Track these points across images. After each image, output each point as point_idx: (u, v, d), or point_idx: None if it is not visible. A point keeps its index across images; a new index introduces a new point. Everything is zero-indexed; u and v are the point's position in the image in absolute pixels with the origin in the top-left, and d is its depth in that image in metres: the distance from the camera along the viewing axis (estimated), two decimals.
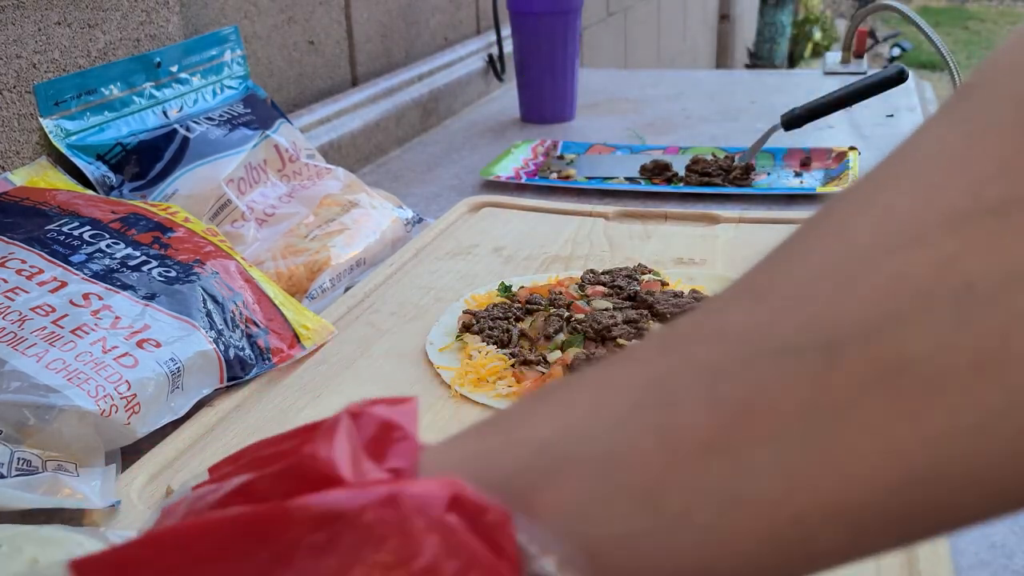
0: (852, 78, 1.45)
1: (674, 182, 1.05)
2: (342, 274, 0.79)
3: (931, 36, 1.65)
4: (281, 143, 0.90)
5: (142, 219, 0.66)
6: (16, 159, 0.73)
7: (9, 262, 0.58)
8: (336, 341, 0.67)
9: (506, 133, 1.35)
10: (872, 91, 1.07)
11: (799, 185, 1.03)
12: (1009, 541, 0.46)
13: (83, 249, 0.60)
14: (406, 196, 1.06)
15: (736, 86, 1.60)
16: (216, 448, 0.54)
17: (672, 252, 0.81)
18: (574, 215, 0.92)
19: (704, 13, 4.15)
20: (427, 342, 0.66)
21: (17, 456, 0.47)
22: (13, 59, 0.72)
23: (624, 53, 2.65)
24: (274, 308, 0.65)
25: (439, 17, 1.50)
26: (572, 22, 1.33)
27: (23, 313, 0.54)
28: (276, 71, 1.09)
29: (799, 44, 5.77)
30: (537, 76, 1.37)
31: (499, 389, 0.59)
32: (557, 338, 0.63)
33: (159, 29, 0.86)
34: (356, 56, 1.26)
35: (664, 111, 1.44)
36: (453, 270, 0.80)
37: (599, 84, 1.65)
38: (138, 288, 0.59)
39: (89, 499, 0.47)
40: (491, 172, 1.09)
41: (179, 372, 0.56)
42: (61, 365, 0.51)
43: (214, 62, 0.91)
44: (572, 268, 0.79)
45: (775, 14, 5.27)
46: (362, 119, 1.20)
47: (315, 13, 1.15)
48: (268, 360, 0.62)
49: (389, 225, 0.87)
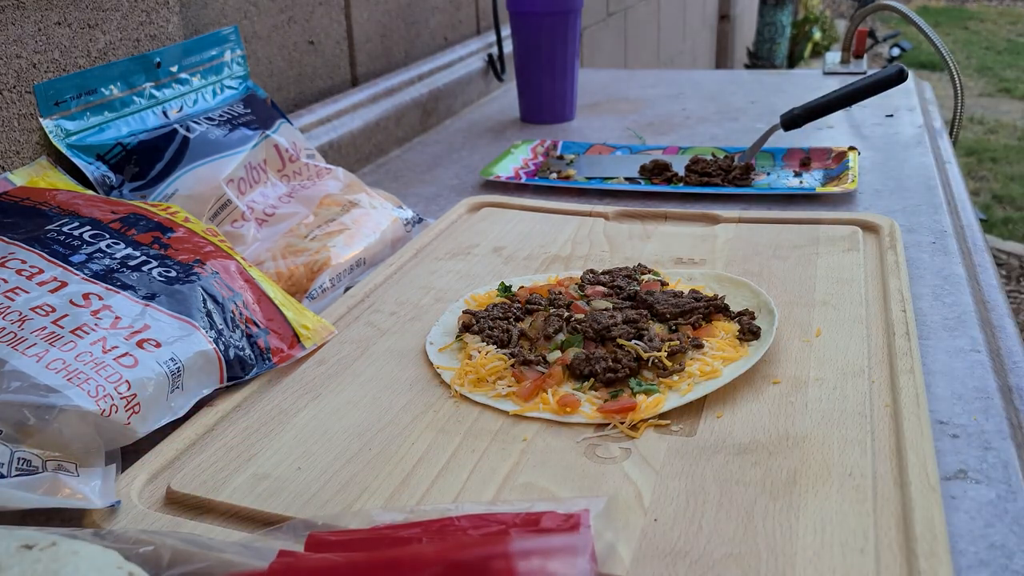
0: (852, 78, 1.46)
1: (674, 182, 1.05)
2: (342, 274, 0.79)
3: (931, 36, 1.66)
4: (281, 143, 0.90)
5: (142, 219, 0.66)
6: (16, 159, 0.73)
7: (9, 262, 0.58)
8: (336, 341, 0.67)
9: (506, 133, 1.35)
10: (872, 91, 1.07)
11: (799, 185, 1.03)
12: (1009, 541, 0.46)
13: (83, 249, 0.60)
14: (406, 196, 1.06)
15: (736, 86, 1.60)
16: (216, 448, 0.54)
17: (672, 252, 0.81)
18: (574, 215, 0.93)
19: (704, 13, 4.15)
20: (427, 342, 0.66)
21: (17, 456, 0.47)
22: (13, 59, 0.72)
23: (624, 53, 2.65)
24: (274, 308, 0.65)
25: (439, 17, 1.50)
26: (572, 22, 1.33)
27: (23, 313, 0.54)
28: (276, 71, 1.09)
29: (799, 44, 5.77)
30: (537, 76, 1.37)
31: (499, 389, 0.59)
32: (557, 338, 0.63)
33: (159, 29, 0.86)
34: (356, 56, 1.26)
35: (664, 111, 1.44)
36: (453, 270, 0.80)
37: (599, 84, 1.65)
38: (138, 288, 0.59)
39: (89, 499, 0.47)
40: (491, 172, 1.09)
41: (179, 372, 0.56)
42: (61, 365, 0.51)
43: (214, 62, 0.91)
44: (572, 268, 0.79)
45: (775, 14, 5.27)
46: (362, 119, 1.20)
47: (315, 13, 1.15)
48: (268, 360, 0.62)
49: (389, 225, 0.87)
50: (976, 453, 0.53)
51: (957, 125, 1.67)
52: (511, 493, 0.49)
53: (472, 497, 0.48)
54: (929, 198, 0.96)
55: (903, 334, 0.63)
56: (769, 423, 0.54)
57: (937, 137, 1.22)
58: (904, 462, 0.49)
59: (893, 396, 0.56)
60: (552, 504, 0.39)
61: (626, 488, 0.48)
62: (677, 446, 0.52)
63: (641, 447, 0.52)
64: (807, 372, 0.59)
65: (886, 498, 0.46)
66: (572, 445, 0.53)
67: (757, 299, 0.68)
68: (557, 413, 0.56)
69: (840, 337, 0.63)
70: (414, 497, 0.49)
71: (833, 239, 0.80)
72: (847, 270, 0.74)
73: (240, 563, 0.39)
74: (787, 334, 0.64)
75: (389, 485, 0.50)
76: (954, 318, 0.69)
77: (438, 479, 0.50)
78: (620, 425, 0.54)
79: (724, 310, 0.66)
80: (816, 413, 0.54)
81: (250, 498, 0.49)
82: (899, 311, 0.66)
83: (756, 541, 0.44)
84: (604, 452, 0.52)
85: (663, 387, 0.58)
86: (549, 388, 0.58)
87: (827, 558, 0.42)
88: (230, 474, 0.51)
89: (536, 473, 0.50)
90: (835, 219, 0.85)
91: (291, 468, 0.52)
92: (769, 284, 0.73)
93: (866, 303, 0.68)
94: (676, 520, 0.46)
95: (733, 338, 0.63)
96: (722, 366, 0.59)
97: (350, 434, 0.55)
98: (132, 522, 0.48)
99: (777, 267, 0.76)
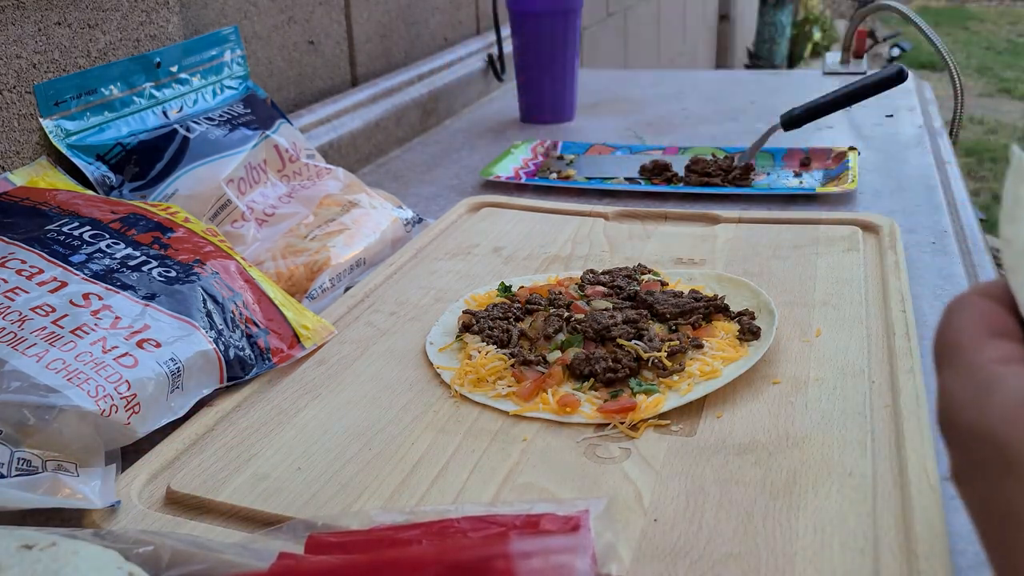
0: (852, 78, 1.45)
1: (674, 182, 1.05)
2: (342, 274, 0.79)
3: (931, 36, 1.66)
4: (281, 143, 0.90)
5: (142, 219, 0.66)
6: (16, 159, 0.73)
7: (9, 262, 0.58)
8: (336, 341, 0.67)
9: (506, 133, 1.35)
10: (872, 91, 1.07)
11: (798, 185, 1.03)
12: None
13: (83, 249, 0.60)
14: (406, 196, 1.06)
15: (736, 86, 1.60)
16: (216, 448, 0.54)
17: (672, 252, 0.81)
18: (574, 215, 0.93)
19: (704, 13, 4.15)
20: (427, 342, 0.66)
21: (17, 456, 0.47)
22: (13, 59, 0.72)
23: (624, 53, 2.65)
24: (274, 308, 0.65)
25: (439, 17, 1.50)
26: (572, 22, 1.33)
27: (23, 313, 0.54)
28: (276, 71, 1.09)
29: (799, 44, 5.77)
30: (537, 76, 1.37)
31: (499, 389, 0.59)
32: (557, 338, 0.63)
33: (159, 29, 0.86)
34: (356, 56, 1.26)
35: (664, 111, 1.44)
36: (453, 270, 0.80)
37: (599, 84, 1.65)
38: (138, 288, 0.59)
39: (89, 499, 0.47)
40: (491, 172, 1.09)
41: (179, 372, 0.56)
42: (61, 365, 0.51)
43: (214, 62, 0.91)
44: (572, 268, 0.79)
45: (775, 14, 5.27)
46: (362, 119, 1.20)
47: (315, 13, 1.15)
48: (268, 360, 0.62)
49: (389, 225, 0.87)
50: None
51: (957, 125, 1.67)
52: (511, 493, 0.49)
53: (472, 497, 0.48)
54: (929, 198, 0.96)
55: (903, 334, 0.63)
56: (769, 423, 0.54)
57: (937, 137, 1.22)
58: (904, 462, 0.49)
59: (893, 396, 0.56)
60: (552, 505, 0.39)
61: (626, 488, 0.48)
62: (677, 446, 0.52)
63: (641, 447, 0.52)
64: (807, 372, 0.59)
65: (886, 498, 0.46)
66: (572, 445, 0.53)
67: (757, 299, 0.68)
68: (557, 413, 0.56)
69: (840, 337, 0.63)
70: (414, 497, 0.49)
71: (833, 239, 0.80)
72: (847, 270, 0.74)
73: (240, 563, 0.39)
74: (787, 334, 0.64)
75: (389, 485, 0.50)
76: None
77: (438, 479, 0.50)
78: (620, 425, 0.54)
79: (724, 310, 0.66)
80: (816, 413, 0.54)
81: (250, 498, 0.49)
82: (899, 311, 0.66)
83: (756, 541, 0.44)
84: (604, 452, 0.52)
85: (663, 387, 0.58)
86: (549, 388, 0.58)
87: (827, 558, 0.42)
88: (230, 474, 0.51)
89: (536, 473, 0.50)
90: (835, 219, 0.85)
91: (291, 468, 0.52)
92: (769, 284, 0.73)
93: (866, 303, 0.68)
94: (676, 520, 0.46)
95: (733, 338, 0.63)
96: (722, 366, 0.59)
97: (350, 434, 0.55)
98: (132, 522, 0.48)
99: (777, 267, 0.76)
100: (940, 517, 0.44)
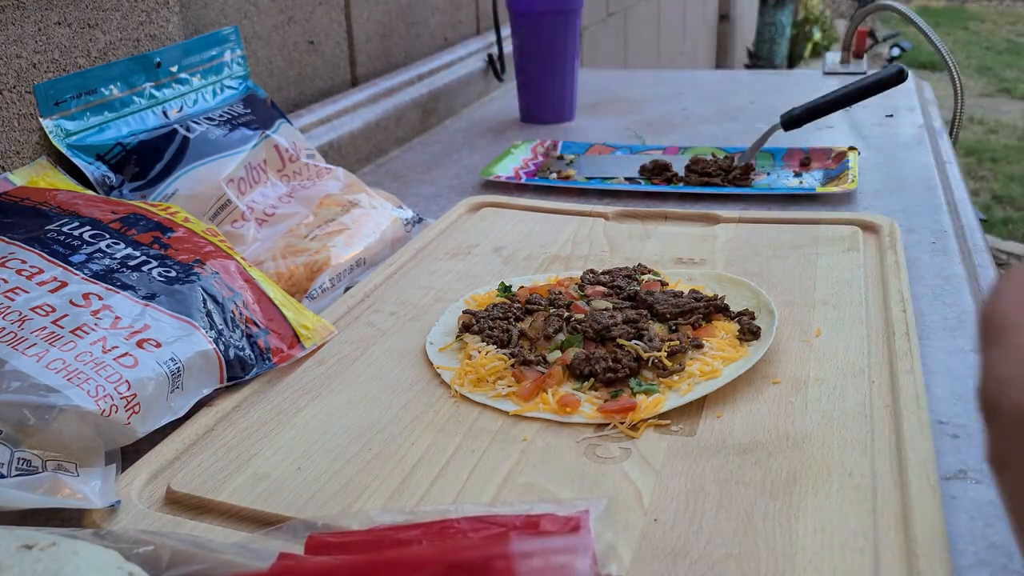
0: (852, 78, 1.46)
1: (674, 182, 1.05)
2: (342, 274, 0.79)
3: (931, 36, 1.66)
4: (281, 143, 0.90)
5: (142, 219, 0.66)
6: (16, 159, 0.73)
7: (9, 262, 0.58)
8: (336, 341, 0.67)
9: (506, 133, 1.35)
10: (872, 91, 1.07)
11: (798, 185, 1.03)
12: (1009, 541, 0.46)
13: (83, 249, 0.60)
14: (406, 196, 1.06)
15: (736, 86, 1.60)
16: (216, 448, 0.54)
17: (672, 252, 0.81)
18: (574, 215, 0.93)
19: (704, 13, 4.15)
20: (427, 342, 0.66)
21: (17, 456, 0.47)
22: (13, 59, 0.72)
23: (624, 53, 2.65)
24: (274, 308, 0.65)
25: (439, 17, 1.50)
26: (572, 22, 1.33)
27: (23, 313, 0.54)
28: (276, 71, 1.09)
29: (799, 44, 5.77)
30: (537, 76, 1.37)
31: (499, 389, 0.59)
32: (557, 338, 0.63)
33: (159, 29, 0.86)
34: (356, 56, 1.26)
35: (664, 111, 1.44)
36: (453, 270, 0.80)
37: (599, 84, 1.65)
38: (138, 288, 0.59)
39: (89, 499, 0.47)
40: (491, 172, 1.09)
41: (179, 372, 0.56)
42: (61, 365, 0.51)
43: (214, 62, 0.91)
44: (572, 268, 0.79)
45: (775, 14, 5.27)
46: (362, 119, 1.20)
47: (315, 13, 1.15)
48: (268, 360, 0.62)
49: (389, 225, 0.87)
50: (976, 453, 0.53)
51: (957, 125, 1.67)
52: (511, 493, 0.49)
53: (472, 497, 0.48)
54: (929, 198, 0.96)
55: (903, 334, 0.63)
56: (769, 423, 0.54)
57: (937, 137, 1.22)
58: (904, 462, 0.49)
59: (893, 396, 0.56)
60: (552, 505, 0.39)
61: (626, 488, 0.48)
62: (677, 446, 0.52)
63: (641, 447, 0.52)
64: (807, 372, 0.59)
65: (886, 498, 0.46)
66: (572, 445, 0.53)
67: (757, 299, 0.68)
68: (557, 413, 0.56)
69: (840, 337, 0.63)
70: (414, 497, 0.49)
71: (833, 239, 0.80)
72: (847, 270, 0.74)
73: (240, 563, 0.39)
74: (787, 334, 0.64)
75: (389, 485, 0.50)
76: (954, 318, 0.69)
77: (438, 479, 0.50)
78: (620, 425, 0.54)
79: (724, 310, 0.66)
80: (816, 413, 0.54)
81: (250, 498, 0.49)
82: (899, 311, 0.66)
83: (756, 541, 0.44)
84: (604, 452, 0.52)
85: (663, 387, 0.58)
86: (549, 388, 0.58)
87: (827, 558, 0.42)
88: (230, 474, 0.51)
89: (536, 473, 0.50)
90: (835, 219, 0.85)
91: (291, 468, 0.52)
92: (769, 284, 0.73)
93: (866, 303, 0.68)
94: (676, 520, 0.46)
95: (733, 338, 0.63)
96: (722, 366, 0.59)
97: (350, 434, 0.55)
98: (132, 522, 0.48)
99: (777, 267, 0.76)
100: (940, 517, 0.44)
